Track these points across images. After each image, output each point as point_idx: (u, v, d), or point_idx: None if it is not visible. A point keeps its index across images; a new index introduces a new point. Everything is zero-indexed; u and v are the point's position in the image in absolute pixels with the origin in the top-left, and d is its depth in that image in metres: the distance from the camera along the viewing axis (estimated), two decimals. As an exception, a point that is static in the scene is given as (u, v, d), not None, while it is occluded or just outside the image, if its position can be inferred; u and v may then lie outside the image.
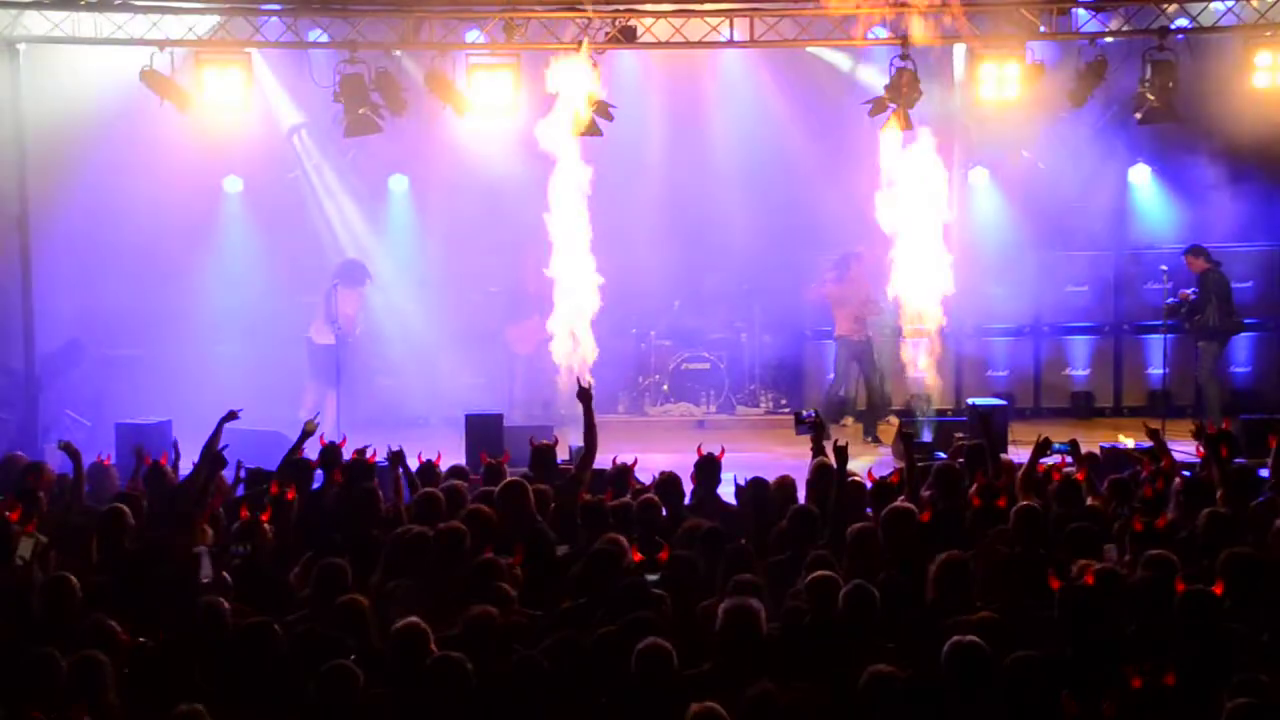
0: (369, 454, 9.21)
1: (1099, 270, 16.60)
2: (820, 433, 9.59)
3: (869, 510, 8.41)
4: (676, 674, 5.66)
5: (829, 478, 8.81)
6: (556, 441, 10.57)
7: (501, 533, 7.60)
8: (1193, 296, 14.52)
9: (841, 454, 8.51)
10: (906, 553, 7.25)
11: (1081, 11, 13.73)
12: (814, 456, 9.28)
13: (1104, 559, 7.10)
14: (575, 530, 8.12)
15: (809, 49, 15.20)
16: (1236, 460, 9.54)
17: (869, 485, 8.81)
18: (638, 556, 7.05)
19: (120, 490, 9.17)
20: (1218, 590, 6.21)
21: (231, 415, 9.28)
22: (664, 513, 8.39)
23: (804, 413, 14.47)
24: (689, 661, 5.83)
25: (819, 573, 6.50)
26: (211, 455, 8.50)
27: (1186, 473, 9.03)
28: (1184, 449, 10.84)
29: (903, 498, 8.40)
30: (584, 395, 9.35)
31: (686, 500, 8.79)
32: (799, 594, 6.63)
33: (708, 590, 6.85)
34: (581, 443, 9.75)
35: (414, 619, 5.92)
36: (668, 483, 8.69)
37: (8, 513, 7.73)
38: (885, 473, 9.37)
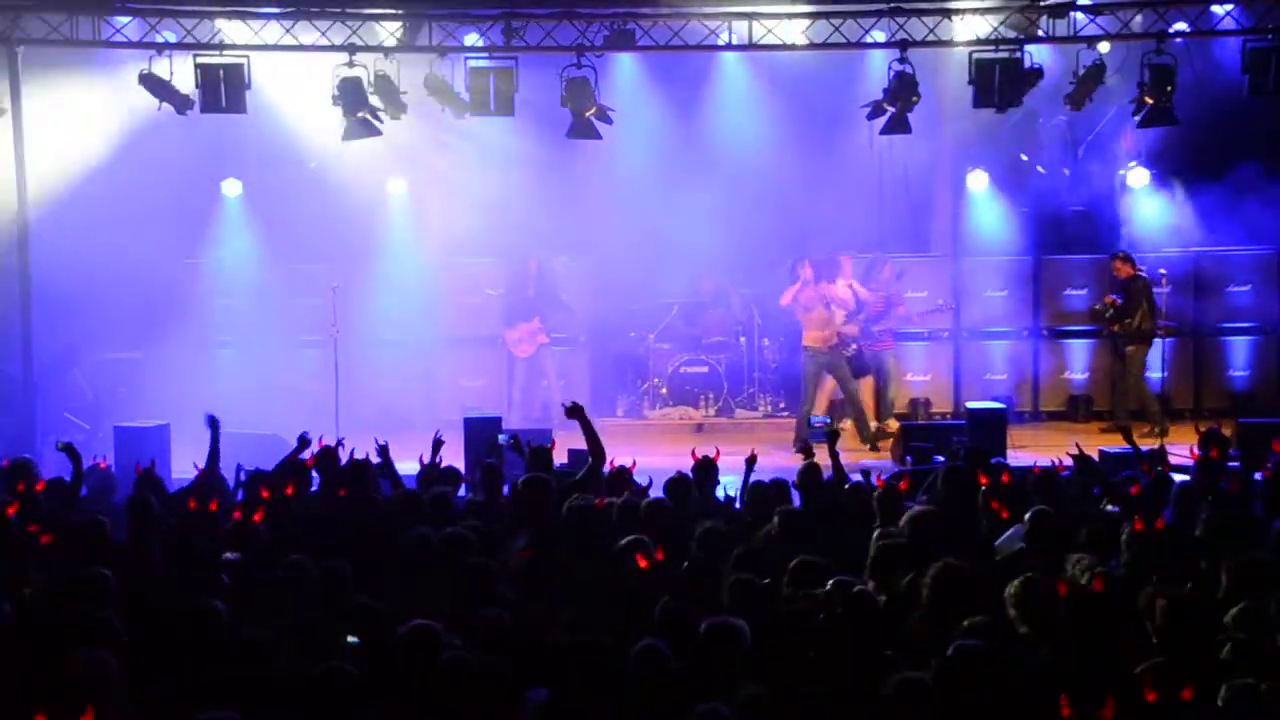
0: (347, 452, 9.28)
1: (1097, 274, 16.60)
2: (834, 440, 9.57)
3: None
4: (672, 675, 5.65)
5: (817, 478, 8.84)
6: (554, 445, 10.57)
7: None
8: (1119, 301, 14.85)
9: (833, 435, 9.52)
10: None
11: (1080, 15, 13.74)
12: (833, 465, 9.29)
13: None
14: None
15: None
16: (1230, 464, 9.57)
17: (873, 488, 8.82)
18: (643, 563, 7.01)
19: (118, 493, 9.18)
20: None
21: (214, 422, 9.42)
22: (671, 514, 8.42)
23: (816, 418, 14.52)
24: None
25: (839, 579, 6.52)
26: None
27: (1183, 475, 9.04)
28: (1179, 452, 10.84)
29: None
30: (574, 412, 9.34)
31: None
32: (796, 598, 6.61)
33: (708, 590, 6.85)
34: (582, 446, 9.74)
35: (424, 621, 5.92)
36: (677, 484, 8.66)
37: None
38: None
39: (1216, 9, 13.58)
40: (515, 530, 7.85)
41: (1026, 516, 7.65)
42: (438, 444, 9.70)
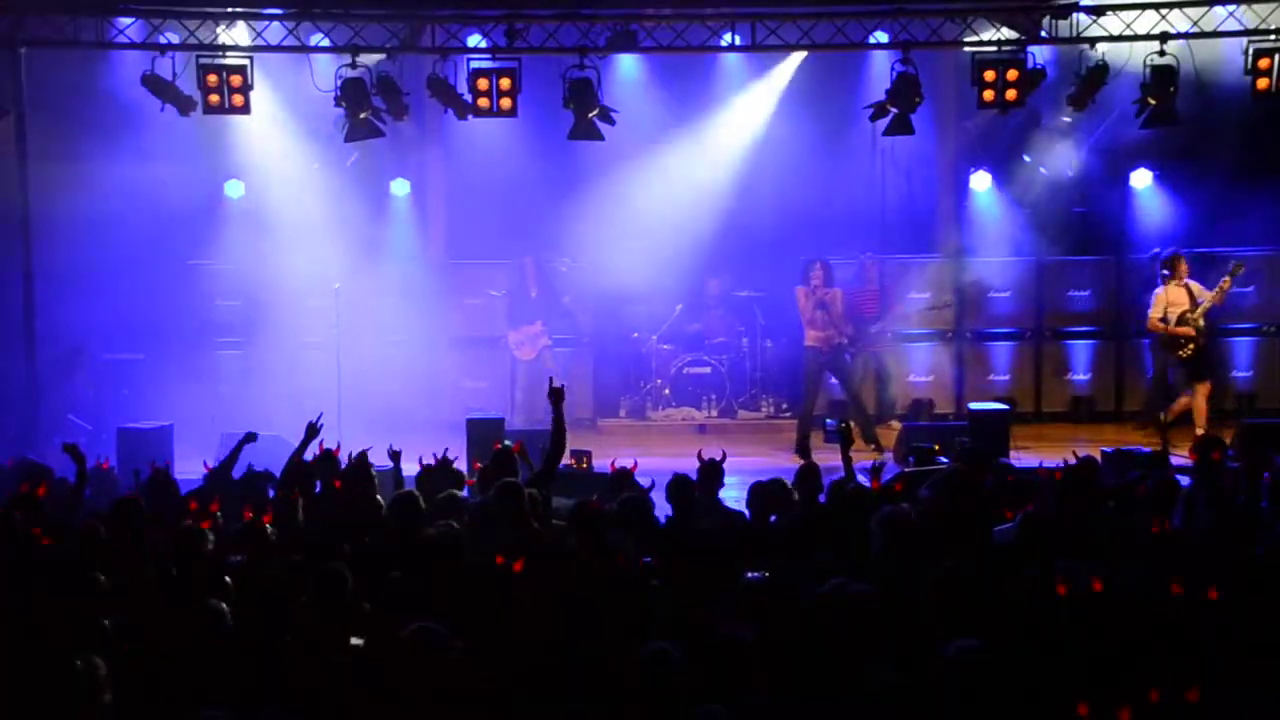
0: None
1: (1100, 274, 16.61)
2: (847, 440, 9.57)
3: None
4: (679, 678, 5.65)
5: (815, 479, 8.85)
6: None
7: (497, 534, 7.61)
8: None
9: (846, 434, 9.28)
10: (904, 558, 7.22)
11: (1083, 16, 13.75)
12: (844, 464, 9.29)
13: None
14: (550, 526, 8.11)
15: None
16: (1231, 465, 9.56)
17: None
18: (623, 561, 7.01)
19: (122, 495, 9.18)
20: (1213, 595, 6.20)
21: (251, 437, 9.46)
22: (671, 515, 8.43)
23: (830, 421, 14.52)
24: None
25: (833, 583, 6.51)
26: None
27: (1185, 478, 9.04)
28: (1181, 454, 10.83)
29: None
30: (556, 395, 9.32)
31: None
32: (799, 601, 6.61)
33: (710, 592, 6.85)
34: (580, 446, 9.76)
35: (428, 623, 5.92)
36: (679, 486, 8.66)
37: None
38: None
39: (1219, 10, 13.57)
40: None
41: (1019, 517, 7.65)
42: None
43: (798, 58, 15.97)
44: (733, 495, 9.38)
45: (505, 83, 13.45)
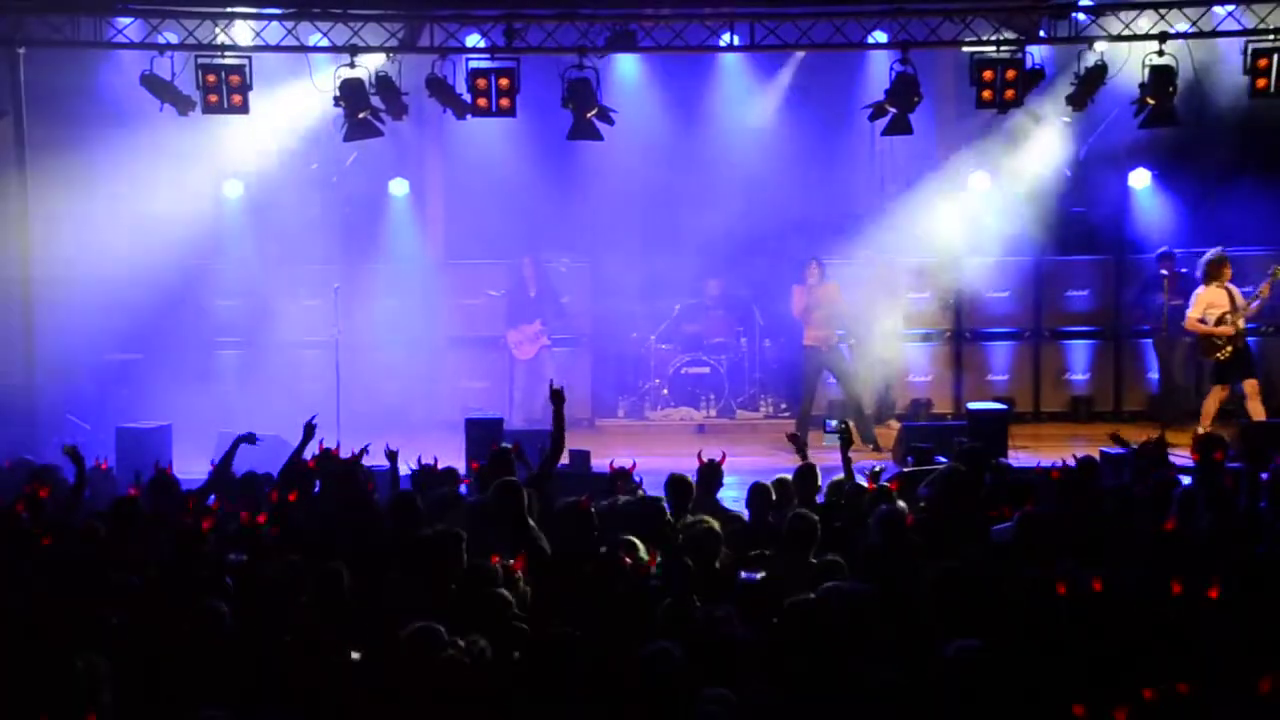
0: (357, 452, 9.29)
1: (1099, 274, 16.62)
2: (847, 441, 9.58)
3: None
4: (680, 677, 5.65)
5: (812, 480, 8.87)
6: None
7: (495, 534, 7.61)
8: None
9: (845, 434, 9.40)
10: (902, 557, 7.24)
11: (1082, 15, 13.75)
12: (844, 465, 9.31)
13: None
14: (549, 527, 8.11)
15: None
16: (1231, 465, 9.56)
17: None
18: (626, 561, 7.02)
19: (120, 495, 9.17)
20: (1213, 594, 6.20)
21: (249, 439, 9.46)
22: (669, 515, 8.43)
23: (829, 422, 14.52)
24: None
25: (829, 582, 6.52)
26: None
27: (1185, 478, 9.04)
28: (1181, 455, 10.83)
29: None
30: (557, 396, 9.33)
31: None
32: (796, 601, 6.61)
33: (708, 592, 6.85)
34: (579, 446, 9.75)
35: (426, 623, 5.92)
36: (677, 485, 8.66)
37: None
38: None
39: (1218, 10, 13.57)
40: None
41: (1015, 518, 7.66)
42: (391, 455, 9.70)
43: (797, 58, 16.01)
44: (732, 495, 9.40)
45: (504, 82, 13.43)
